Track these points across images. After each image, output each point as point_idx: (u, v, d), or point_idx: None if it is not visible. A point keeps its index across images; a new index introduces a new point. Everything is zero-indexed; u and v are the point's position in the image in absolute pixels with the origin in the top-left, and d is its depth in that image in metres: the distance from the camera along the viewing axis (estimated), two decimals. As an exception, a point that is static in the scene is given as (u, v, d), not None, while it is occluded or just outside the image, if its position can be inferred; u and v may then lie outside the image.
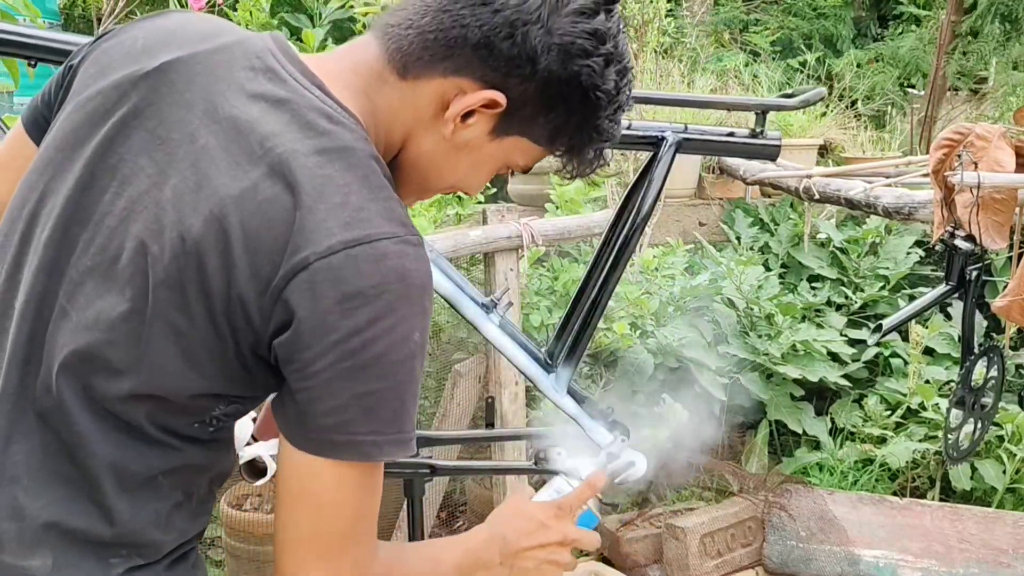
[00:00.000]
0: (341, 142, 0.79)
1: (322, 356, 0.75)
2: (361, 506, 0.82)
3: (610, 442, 1.52)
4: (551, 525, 1.06)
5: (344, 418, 0.77)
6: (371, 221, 0.76)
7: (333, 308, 0.74)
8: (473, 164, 0.90)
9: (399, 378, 0.78)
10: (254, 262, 0.76)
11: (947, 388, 3.05)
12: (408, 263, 0.77)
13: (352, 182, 0.78)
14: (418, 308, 0.78)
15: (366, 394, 0.77)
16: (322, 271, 0.74)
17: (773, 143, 1.49)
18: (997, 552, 2.60)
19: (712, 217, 3.83)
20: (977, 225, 1.99)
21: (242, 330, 0.78)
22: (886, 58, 5.24)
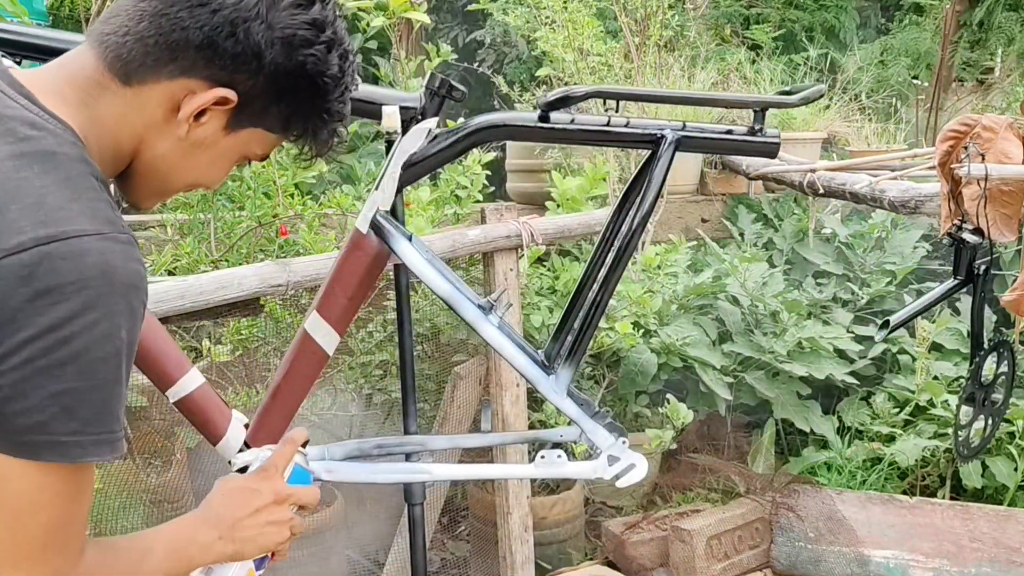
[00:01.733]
0: (42, 147, 0.79)
1: (14, 353, 0.73)
2: (64, 512, 0.79)
3: (611, 444, 1.50)
4: (259, 488, 1.04)
5: (42, 418, 0.75)
6: (70, 220, 0.75)
7: (24, 305, 0.73)
8: (211, 160, 0.91)
9: (101, 376, 0.77)
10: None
11: (956, 384, 3.01)
12: (112, 259, 0.76)
13: (50, 184, 0.77)
14: (123, 306, 0.77)
15: (64, 392, 0.75)
16: (11, 268, 0.73)
17: (772, 140, 1.46)
18: (1010, 551, 2.56)
19: (715, 213, 3.80)
20: (985, 218, 1.95)
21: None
22: (895, 50, 5.20)
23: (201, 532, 0.98)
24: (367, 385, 2.59)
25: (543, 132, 1.42)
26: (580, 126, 1.43)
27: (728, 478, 3.01)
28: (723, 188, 3.84)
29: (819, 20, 5.36)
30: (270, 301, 2.19)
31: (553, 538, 2.75)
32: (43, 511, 0.77)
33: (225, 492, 1.04)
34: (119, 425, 0.79)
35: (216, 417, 1.30)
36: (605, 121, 1.42)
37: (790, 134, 3.79)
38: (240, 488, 1.04)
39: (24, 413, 0.75)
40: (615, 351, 2.88)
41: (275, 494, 1.05)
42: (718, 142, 1.53)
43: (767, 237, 3.68)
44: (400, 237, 1.37)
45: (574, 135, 1.44)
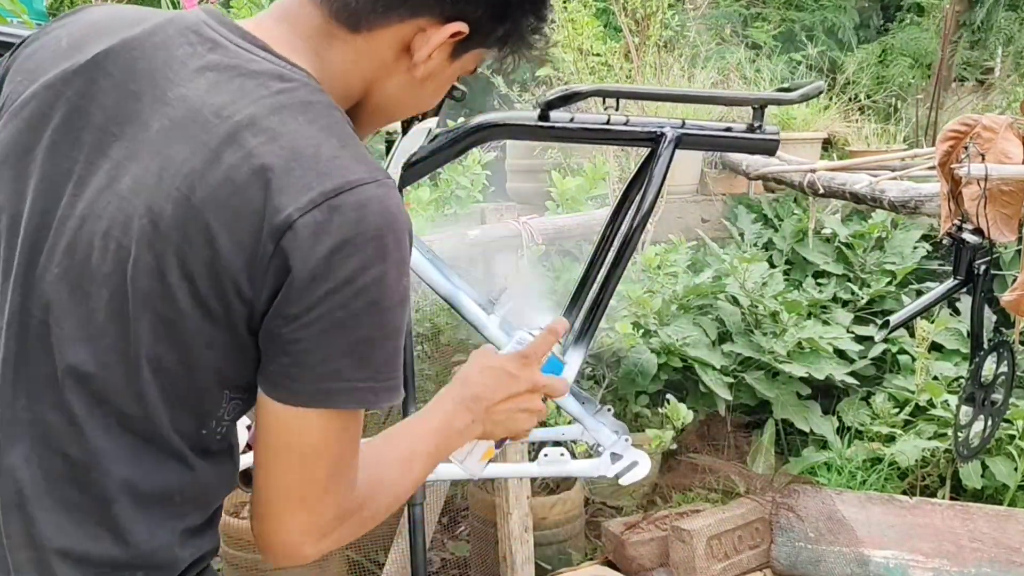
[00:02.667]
0: (298, 98, 0.78)
1: (315, 307, 0.75)
2: (345, 452, 0.82)
3: (614, 442, 1.51)
4: (518, 374, 1.04)
5: (340, 366, 0.77)
6: (348, 169, 0.76)
7: (323, 261, 0.74)
8: (435, 88, 0.91)
9: (393, 323, 0.78)
10: (234, 233, 0.74)
11: (956, 384, 3.01)
12: (390, 205, 0.77)
13: (317, 133, 0.77)
14: (406, 251, 0.78)
15: (362, 341, 0.77)
16: (308, 226, 0.73)
17: (771, 138, 1.47)
18: (1010, 551, 2.56)
19: (715, 213, 3.79)
20: (985, 218, 1.95)
21: (234, 305, 0.76)
22: (895, 50, 5.19)
23: (460, 417, 1.00)
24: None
25: (543, 131, 1.42)
26: (580, 124, 1.43)
27: (728, 478, 3.01)
28: (723, 188, 3.84)
29: (819, 19, 5.36)
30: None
31: (553, 538, 2.75)
32: (327, 453, 0.80)
33: (483, 371, 1.03)
34: (401, 371, 0.82)
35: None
36: (605, 120, 1.42)
37: (790, 134, 3.79)
38: (499, 370, 1.04)
39: (323, 362, 0.77)
40: (615, 351, 2.88)
41: (532, 383, 1.04)
42: (717, 139, 1.53)
43: (767, 237, 3.68)
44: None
45: (574, 134, 1.45)
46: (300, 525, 0.81)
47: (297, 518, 0.81)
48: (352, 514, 0.84)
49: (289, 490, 0.80)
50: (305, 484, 0.80)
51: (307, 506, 0.81)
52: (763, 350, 3.08)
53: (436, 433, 0.97)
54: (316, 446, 0.79)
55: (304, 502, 0.81)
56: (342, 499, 0.83)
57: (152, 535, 0.81)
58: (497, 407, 1.02)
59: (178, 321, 0.76)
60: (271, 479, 0.81)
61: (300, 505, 0.81)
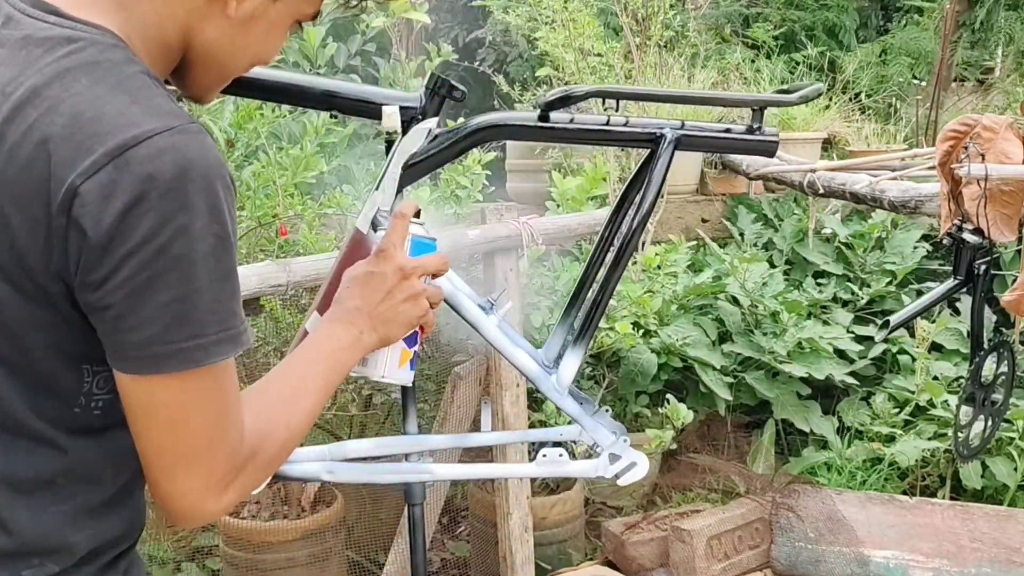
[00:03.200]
0: (83, 59, 0.75)
1: (116, 272, 0.72)
2: (214, 408, 0.79)
3: (612, 443, 1.50)
4: (381, 270, 1.01)
5: (157, 329, 0.74)
6: (134, 123, 0.72)
7: (116, 222, 0.71)
8: (264, 32, 0.87)
9: (205, 276, 0.75)
10: (26, 212, 0.72)
11: (956, 385, 3.01)
12: (188, 152, 0.73)
13: (104, 93, 0.74)
14: (212, 199, 0.74)
15: (174, 300, 0.74)
16: (94, 190, 0.71)
17: (770, 139, 1.46)
18: (1010, 551, 2.56)
19: (715, 213, 3.79)
20: (985, 218, 1.95)
21: (48, 284, 0.75)
22: (895, 50, 5.19)
23: (343, 334, 0.97)
24: (367, 385, 2.59)
25: (543, 132, 1.42)
26: (579, 125, 1.43)
27: (728, 478, 3.01)
28: (723, 188, 3.84)
29: (820, 19, 5.36)
30: (270, 301, 2.19)
31: (553, 538, 2.75)
32: (193, 415, 0.78)
33: (352, 284, 1.01)
34: (237, 320, 0.78)
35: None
36: (604, 120, 1.42)
37: (790, 134, 3.79)
38: (363, 276, 1.01)
39: (140, 327, 0.74)
40: (615, 351, 2.88)
41: (400, 271, 1.01)
42: (717, 140, 1.53)
43: (767, 237, 3.68)
44: (400, 237, 1.37)
45: (574, 134, 1.44)
46: (194, 486, 0.79)
47: (188, 481, 0.79)
48: (247, 462, 0.82)
49: (169, 456, 0.79)
50: (184, 448, 0.78)
51: (195, 467, 0.79)
52: (763, 350, 3.08)
53: (323, 358, 0.94)
54: (178, 410, 0.77)
55: (190, 464, 0.79)
56: (230, 451, 0.81)
57: (35, 521, 0.80)
58: (378, 308, 0.99)
59: (3, 313, 0.76)
60: (148, 448, 0.79)
61: (187, 468, 0.79)
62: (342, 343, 0.96)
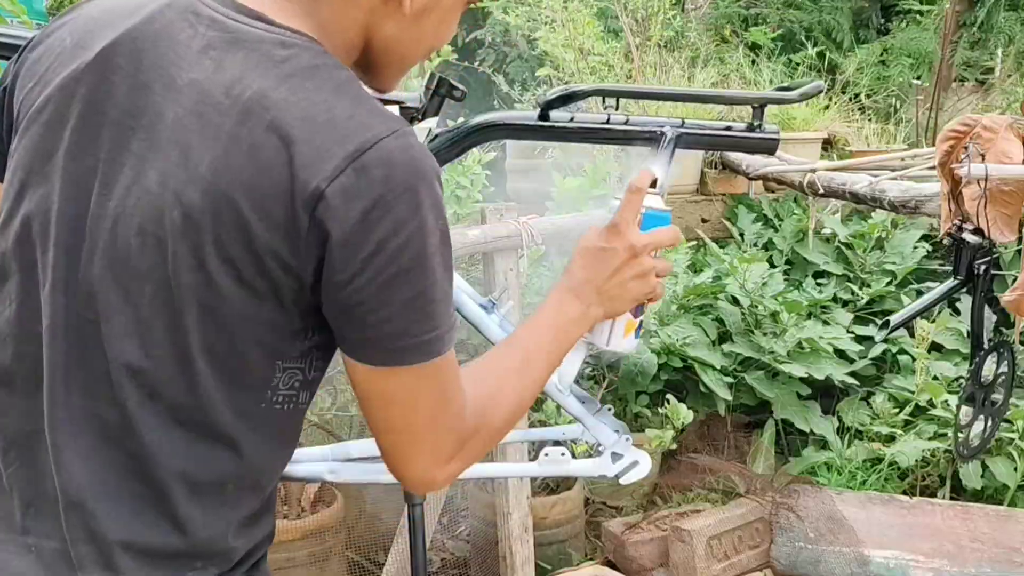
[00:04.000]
0: (302, 63, 0.79)
1: (364, 270, 0.76)
2: (441, 393, 0.84)
3: (615, 441, 1.50)
4: (613, 246, 1.01)
5: (403, 324, 0.79)
6: (366, 127, 0.76)
7: (359, 223, 0.75)
8: (439, 20, 0.90)
9: (440, 269, 0.80)
10: (266, 212, 0.75)
11: (956, 385, 3.00)
12: (415, 154, 0.78)
13: (329, 97, 0.77)
14: (437, 195, 0.79)
15: (417, 295, 0.78)
16: (338, 193, 0.74)
17: (771, 137, 1.46)
18: (1010, 551, 2.55)
19: (715, 213, 3.79)
20: (985, 218, 1.95)
21: (281, 281, 0.78)
22: (896, 50, 5.19)
23: (571, 308, 0.99)
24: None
25: (543, 131, 1.42)
26: (579, 124, 1.42)
27: (728, 478, 3.01)
28: (723, 188, 3.84)
29: (817, 21, 5.36)
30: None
31: (553, 538, 2.75)
32: (425, 400, 0.83)
33: (582, 257, 1.02)
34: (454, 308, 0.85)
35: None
36: (604, 119, 1.42)
37: (790, 134, 3.79)
38: (595, 250, 1.02)
39: (387, 322, 0.78)
40: (615, 351, 2.87)
41: (630, 248, 1.01)
42: (717, 138, 1.52)
43: (767, 237, 3.67)
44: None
45: (574, 133, 1.44)
46: (423, 461, 0.86)
47: (417, 457, 0.85)
48: (471, 435, 0.88)
49: (400, 437, 0.85)
50: (413, 429, 0.84)
51: (422, 445, 0.85)
52: (763, 350, 3.07)
53: (548, 329, 0.98)
54: (410, 397, 0.83)
55: (418, 443, 0.85)
56: (454, 427, 0.86)
57: (207, 524, 0.83)
58: (606, 285, 1.00)
59: (223, 307, 0.78)
60: (382, 432, 0.85)
61: (415, 446, 0.85)
62: (569, 316, 0.99)
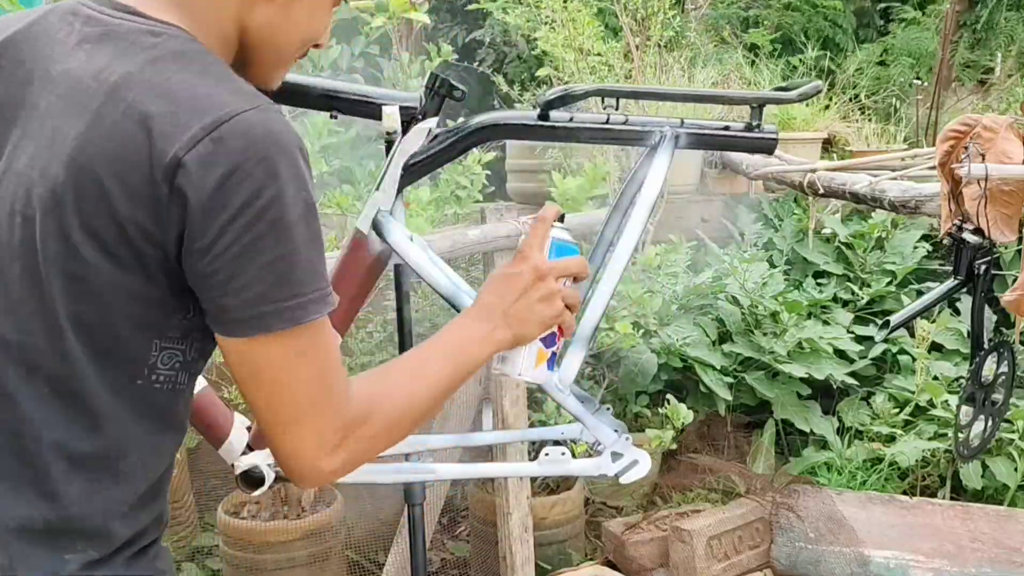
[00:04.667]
0: (169, 48, 0.83)
1: (221, 236, 0.78)
2: (316, 366, 0.84)
3: (614, 441, 1.50)
4: (519, 270, 1.03)
5: (261, 289, 0.80)
6: (225, 102, 0.79)
7: (216, 190, 0.77)
8: (308, 12, 0.92)
9: (301, 237, 0.81)
10: (127, 183, 0.78)
11: (956, 385, 3.01)
12: (274, 126, 0.80)
13: (192, 77, 0.81)
14: (299, 167, 0.81)
15: (275, 260, 0.80)
16: (195, 161, 0.77)
17: (769, 136, 1.46)
18: (1010, 551, 2.56)
19: (715, 213, 3.79)
20: (985, 218, 1.94)
21: (145, 250, 0.80)
22: (896, 50, 5.19)
23: (474, 328, 1.00)
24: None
25: (543, 131, 1.42)
26: (579, 124, 1.42)
27: (728, 478, 3.01)
28: (723, 188, 3.83)
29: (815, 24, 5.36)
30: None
31: (553, 538, 2.75)
32: (295, 373, 0.83)
33: (490, 284, 1.05)
34: (325, 280, 0.84)
35: (219, 420, 1.31)
36: (604, 119, 1.42)
37: (790, 134, 3.78)
38: (502, 276, 1.05)
39: (244, 289, 0.80)
40: (615, 351, 2.88)
41: (536, 271, 1.03)
42: (716, 138, 1.52)
43: (767, 237, 3.68)
44: (402, 237, 1.37)
45: (573, 133, 1.44)
46: (303, 445, 0.85)
47: (297, 439, 0.84)
48: (359, 424, 0.87)
49: (276, 415, 0.84)
50: (289, 407, 0.83)
51: (301, 426, 0.84)
52: (763, 350, 3.07)
53: (449, 345, 0.99)
54: (280, 370, 0.82)
55: (295, 423, 0.84)
56: (336, 410, 0.85)
57: (83, 500, 0.83)
58: (512, 307, 1.02)
59: (89, 276, 0.80)
60: (257, 410, 0.84)
61: (293, 426, 0.84)
62: (472, 336, 1.00)
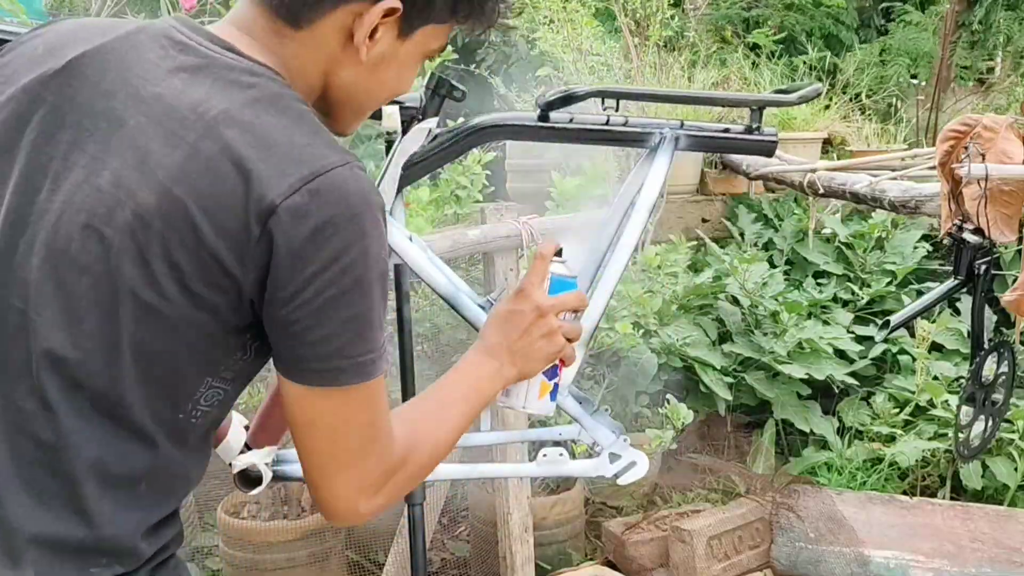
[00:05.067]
0: (269, 91, 0.83)
1: (307, 287, 0.79)
2: (370, 418, 0.86)
3: (612, 442, 1.50)
4: (520, 308, 1.05)
5: (340, 343, 0.82)
6: (322, 154, 0.80)
7: (307, 241, 0.78)
8: (397, 71, 0.93)
9: (377, 295, 0.83)
10: (218, 220, 0.78)
11: (956, 385, 3.00)
12: (364, 185, 0.82)
13: (289, 124, 0.82)
14: (382, 227, 0.83)
15: (355, 316, 0.82)
16: (290, 210, 0.78)
17: (769, 139, 1.47)
18: (1010, 551, 2.55)
19: (715, 213, 3.79)
20: (985, 218, 1.95)
21: (222, 288, 0.80)
22: (895, 50, 5.19)
23: (483, 367, 1.03)
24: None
25: (543, 131, 1.42)
26: (579, 125, 1.43)
27: (728, 478, 3.01)
28: (723, 188, 3.84)
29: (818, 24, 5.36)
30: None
31: (553, 538, 2.75)
32: (353, 423, 0.85)
33: (492, 322, 1.07)
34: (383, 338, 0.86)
35: (217, 419, 1.30)
36: (604, 120, 1.42)
37: (790, 134, 3.79)
38: (504, 313, 1.06)
39: (324, 341, 0.81)
40: (615, 351, 2.87)
41: (536, 309, 1.05)
42: (716, 140, 1.53)
43: (767, 237, 3.68)
44: (401, 237, 1.37)
45: (573, 134, 1.45)
46: (348, 489, 0.87)
47: (343, 484, 0.87)
48: (397, 469, 0.90)
49: (327, 460, 0.86)
50: (341, 453, 0.86)
51: (349, 471, 0.86)
52: (763, 350, 3.07)
53: (465, 383, 1.01)
54: (340, 419, 0.85)
55: (344, 469, 0.86)
56: (381, 458, 0.88)
57: (115, 521, 0.83)
58: (516, 344, 1.04)
59: (163, 307, 0.80)
60: (309, 453, 0.87)
61: (342, 472, 0.86)
62: (482, 373, 1.03)
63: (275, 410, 1.38)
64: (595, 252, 1.52)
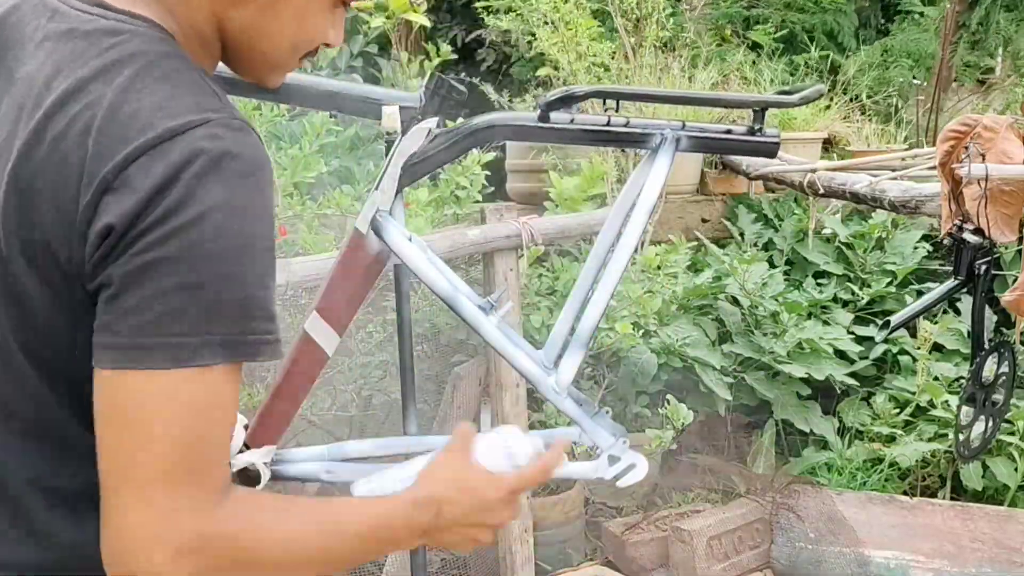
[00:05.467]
0: (127, 51, 0.76)
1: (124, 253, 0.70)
2: (193, 427, 0.71)
3: (611, 444, 1.50)
4: (496, 509, 0.89)
5: (150, 317, 0.70)
6: (172, 115, 0.72)
7: (138, 206, 0.70)
8: (295, 16, 0.84)
9: (215, 272, 0.71)
10: (58, 203, 0.72)
11: (957, 385, 3.00)
12: (223, 144, 0.72)
13: (146, 86, 0.74)
14: (247, 191, 0.73)
15: (176, 288, 0.70)
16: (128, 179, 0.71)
17: (771, 140, 1.46)
18: (1010, 551, 2.55)
19: (715, 213, 3.79)
20: (986, 218, 1.95)
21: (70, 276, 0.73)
22: (895, 50, 5.20)
23: (412, 513, 0.84)
24: (367, 386, 2.59)
25: (543, 132, 1.42)
26: (580, 126, 1.42)
27: (728, 478, 3.01)
28: (723, 188, 3.84)
29: (819, 22, 5.36)
30: (270, 301, 2.18)
31: (553, 539, 2.75)
32: (168, 426, 0.70)
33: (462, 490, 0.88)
34: (240, 327, 0.73)
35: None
36: (605, 121, 1.42)
37: (790, 134, 3.78)
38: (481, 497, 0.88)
39: (133, 311, 0.70)
40: (615, 351, 2.87)
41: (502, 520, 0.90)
42: (717, 141, 1.52)
43: (767, 237, 3.67)
44: (400, 237, 1.37)
45: (574, 135, 1.44)
46: (145, 521, 0.70)
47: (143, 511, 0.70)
48: (222, 538, 0.72)
49: (126, 472, 0.70)
50: (144, 465, 0.70)
51: (150, 495, 0.70)
52: (763, 350, 3.07)
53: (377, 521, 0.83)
54: (152, 414, 0.70)
55: (144, 489, 0.70)
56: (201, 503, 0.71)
57: (79, 532, 0.77)
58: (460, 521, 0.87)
59: (29, 302, 0.75)
60: (104, 461, 0.71)
61: (141, 493, 0.70)
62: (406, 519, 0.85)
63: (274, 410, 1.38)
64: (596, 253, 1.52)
